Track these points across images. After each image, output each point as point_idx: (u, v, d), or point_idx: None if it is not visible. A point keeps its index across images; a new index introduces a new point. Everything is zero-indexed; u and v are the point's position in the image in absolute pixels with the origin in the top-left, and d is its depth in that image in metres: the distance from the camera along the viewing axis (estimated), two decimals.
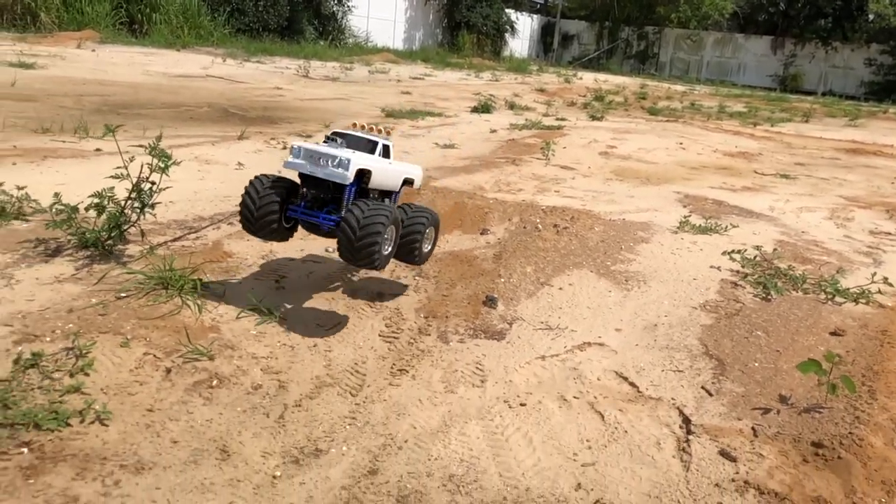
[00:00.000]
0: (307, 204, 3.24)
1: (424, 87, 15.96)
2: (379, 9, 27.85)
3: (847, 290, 4.15)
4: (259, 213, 3.14)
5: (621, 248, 4.68)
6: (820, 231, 5.82)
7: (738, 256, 4.61)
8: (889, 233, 6.00)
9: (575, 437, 2.66)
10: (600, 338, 3.46)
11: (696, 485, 2.43)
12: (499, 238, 4.73)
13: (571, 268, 4.29)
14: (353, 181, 3.08)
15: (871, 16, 32.39)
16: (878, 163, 10.72)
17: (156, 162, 3.58)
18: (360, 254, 2.95)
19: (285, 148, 6.93)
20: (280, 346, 3.10)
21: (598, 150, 9.18)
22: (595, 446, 2.62)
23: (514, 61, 29.41)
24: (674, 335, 3.52)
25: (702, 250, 4.81)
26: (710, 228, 5.31)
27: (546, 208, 5.37)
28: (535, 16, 39.06)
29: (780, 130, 14.27)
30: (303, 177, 3.20)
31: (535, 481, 2.41)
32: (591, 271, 4.26)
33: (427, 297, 3.77)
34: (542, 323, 3.59)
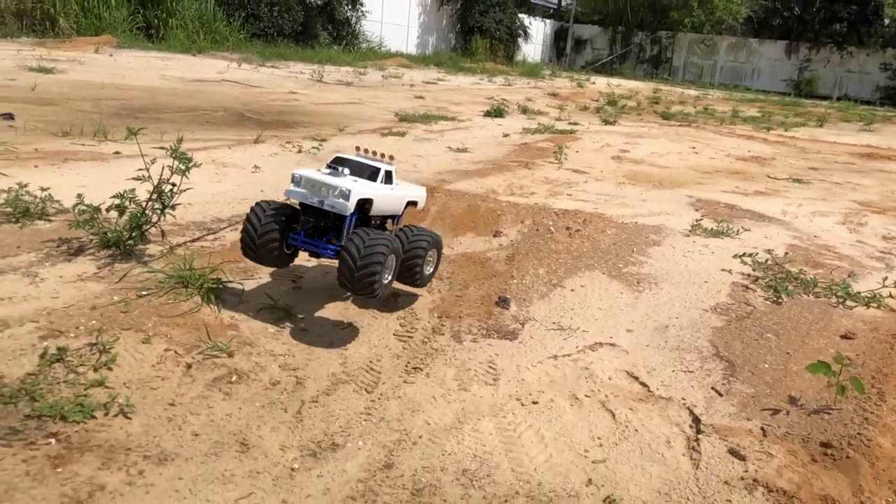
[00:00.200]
0: (307, 232, 3.24)
1: (437, 92, 16.04)
2: (393, 14, 28.02)
3: (858, 294, 4.16)
4: (260, 241, 3.16)
5: (633, 251, 4.71)
6: (832, 235, 5.82)
7: (749, 260, 4.63)
8: None
9: (586, 435, 2.71)
10: (612, 338, 3.50)
11: (706, 482, 2.47)
12: (511, 240, 4.79)
13: (583, 269, 4.33)
14: (353, 210, 3.09)
15: (886, 20, 32.21)
16: (893, 168, 10.67)
17: (176, 164, 3.67)
18: (360, 283, 2.96)
19: (300, 151, 7.03)
20: (297, 344, 3.17)
21: (610, 155, 9.21)
22: (606, 444, 2.66)
23: (527, 66, 29.51)
24: (685, 336, 3.56)
25: (713, 253, 4.84)
26: (722, 232, 5.33)
27: (558, 211, 5.42)
28: (548, 21, 39.14)
29: (793, 135, 14.22)
30: (303, 204, 3.19)
31: (546, 476, 2.46)
32: (603, 273, 4.30)
33: (441, 298, 3.83)
34: (554, 323, 3.63)
